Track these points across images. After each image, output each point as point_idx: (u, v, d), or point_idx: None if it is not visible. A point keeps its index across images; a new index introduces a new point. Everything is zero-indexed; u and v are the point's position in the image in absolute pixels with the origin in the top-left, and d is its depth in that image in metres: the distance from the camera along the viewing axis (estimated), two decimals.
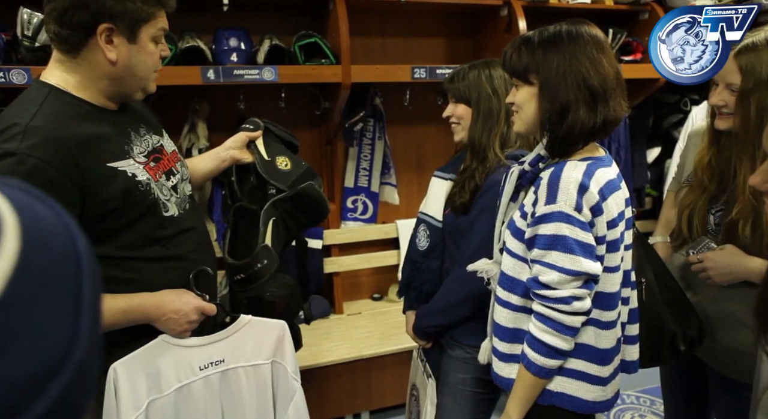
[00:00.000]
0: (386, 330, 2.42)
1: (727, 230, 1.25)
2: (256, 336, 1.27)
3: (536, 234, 1.04)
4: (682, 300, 1.30)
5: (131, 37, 1.06)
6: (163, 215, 1.14)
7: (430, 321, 1.43)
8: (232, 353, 1.24)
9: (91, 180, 1.01)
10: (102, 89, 1.08)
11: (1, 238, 0.28)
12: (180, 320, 1.13)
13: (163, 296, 1.12)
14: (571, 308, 1.01)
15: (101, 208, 1.03)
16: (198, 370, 1.20)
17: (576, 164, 1.04)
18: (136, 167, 1.10)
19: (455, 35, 2.64)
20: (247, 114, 2.32)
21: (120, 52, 1.05)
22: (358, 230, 2.60)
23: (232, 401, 1.25)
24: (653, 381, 2.50)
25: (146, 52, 1.09)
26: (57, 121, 1.01)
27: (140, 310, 1.10)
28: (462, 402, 1.41)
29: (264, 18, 2.30)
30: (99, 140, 1.05)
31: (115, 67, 1.06)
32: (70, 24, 1.01)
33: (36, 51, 1.76)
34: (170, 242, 1.16)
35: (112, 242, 1.08)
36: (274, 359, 1.29)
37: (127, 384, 1.13)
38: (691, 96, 2.84)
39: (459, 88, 1.41)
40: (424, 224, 1.47)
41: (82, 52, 1.04)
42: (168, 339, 1.16)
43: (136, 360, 1.14)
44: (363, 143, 2.54)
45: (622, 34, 2.57)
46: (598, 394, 1.09)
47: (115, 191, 1.05)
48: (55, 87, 1.05)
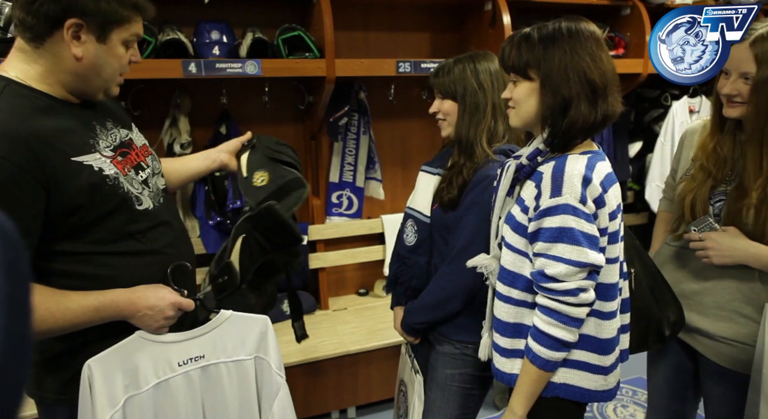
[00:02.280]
0: (372, 326, 2.42)
1: (729, 215, 1.27)
2: (237, 331, 1.25)
3: (540, 227, 1.05)
4: (663, 287, 1.32)
5: (101, 36, 1.02)
6: (136, 208, 1.11)
7: (419, 318, 1.43)
8: (212, 348, 1.22)
9: (55, 175, 0.98)
10: (64, 83, 1.05)
11: None
12: (156, 316, 1.10)
13: (136, 292, 1.08)
14: (578, 299, 1.03)
15: (68, 203, 1.00)
16: (177, 366, 1.18)
17: (578, 158, 1.06)
18: (103, 161, 1.06)
19: (440, 29, 2.64)
20: (229, 108, 2.30)
21: (87, 49, 1.02)
22: (343, 225, 2.60)
23: (213, 397, 1.23)
24: (635, 372, 2.54)
25: (114, 55, 1.06)
26: (15, 115, 0.97)
27: (113, 307, 1.06)
28: (450, 397, 1.41)
29: (246, 11, 2.27)
30: (61, 133, 1.01)
31: (80, 63, 1.02)
32: (37, 13, 0.97)
33: (8, 42, 1.70)
34: (144, 236, 1.13)
35: (83, 237, 1.04)
36: (257, 354, 1.27)
37: (103, 381, 1.10)
38: (672, 91, 2.88)
39: (444, 83, 1.39)
40: (412, 220, 1.46)
41: (46, 42, 1.00)
42: (145, 335, 1.13)
43: (112, 357, 1.10)
44: (348, 138, 2.53)
45: (604, 29, 2.59)
46: (600, 383, 1.12)
47: (81, 186, 1.01)
48: (12, 80, 1.01)
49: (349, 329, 2.40)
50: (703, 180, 1.33)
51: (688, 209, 1.33)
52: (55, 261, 1.03)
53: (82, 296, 1.02)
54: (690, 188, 1.35)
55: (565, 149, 1.09)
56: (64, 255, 1.04)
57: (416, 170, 1.56)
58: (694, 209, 1.32)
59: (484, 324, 1.26)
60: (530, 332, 1.09)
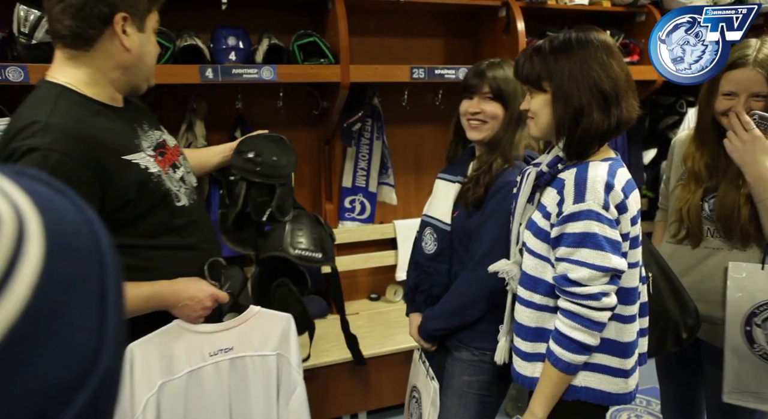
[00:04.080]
0: (384, 330, 2.42)
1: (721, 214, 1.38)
2: (263, 327, 1.31)
3: (563, 232, 1.07)
4: (681, 290, 1.36)
5: (140, 26, 1.11)
6: (175, 205, 1.19)
7: (438, 324, 1.42)
8: (240, 342, 1.28)
9: (109, 173, 1.06)
10: (113, 81, 1.12)
11: (25, 241, 0.26)
12: (195, 306, 1.18)
13: (178, 284, 1.17)
14: (601, 304, 1.04)
15: (119, 198, 1.08)
16: (208, 356, 1.25)
17: (599, 164, 1.08)
18: (147, 160, 1.15)
19: (453, 36, 2.65)
20: (244, 113, 2.32)
21: (132, 40, 1.10)
22: (355, 230, 2.60)
23: (238, 389, 1.28)
24: (649, 381, 2.51)
25: (152, 42, 1.16)
26: (73, 117, 1.04)
27: (159, 297, 1.15)
28: (467, 404, 1.40)
29: (263, 17, 2.29)
30: (111, 134, 1.09)
31: (129, 55, 1.10)
32: (89, 17, 1.04)
33: (33, 48, 1.74)
34: (184, 231, 1.21)
35: (130, 232, 1.12)
36: (279, 351, 1.32)
37: (142, 364, 1.17)
38: (687, 98, 2.86)
39: (498, 83, 1.32)
40: (431, 227, 1.44)
41: (96, 43, 1.07)
42: (182, 324, 1.21)
43: (153, 342, 1.18)
44: (361, 143, 2.54)
45: (619, 35, 2.58)
46: (621, 386, 1.13)
47: (130, 183, 1.09)
48: (64, 86, 1.08)
49: (360, 333, 2.39)
50: (694, 190, 1.43)
51: (686, 215, 1.44)
52: None
53: (134, 286, 1.10)
54: (684, 196, 1.46)
55: (582, 157, 1.11)
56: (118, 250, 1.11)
57: (429, 176, 1.56)
58: (690, 215, 1.43)
59: (501, 328, 1.26)
60: (552, 335, 1.10)
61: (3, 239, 0.25)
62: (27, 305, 0.25)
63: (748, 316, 1.36)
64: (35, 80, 1.72)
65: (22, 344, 0.25)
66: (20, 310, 0.25)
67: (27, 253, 0.26)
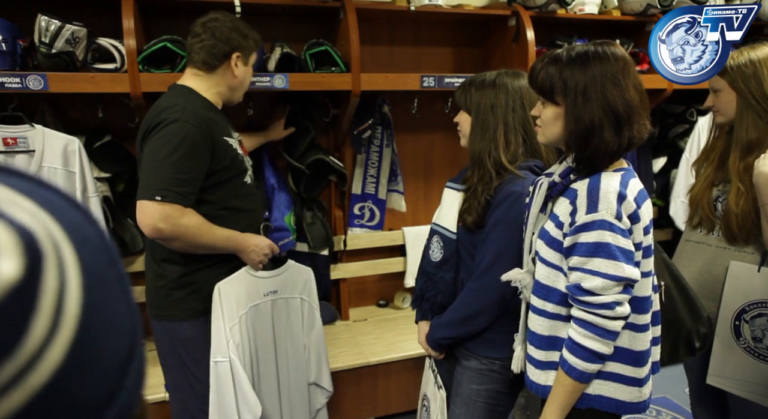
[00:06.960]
0: (392, 337, 2.43)
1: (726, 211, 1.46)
2: (295, 276, 1.80)
3: (576, 242, 1.07)
4: (694, 300, 1.36)
5: (245, 61, 1.63)
6: (244, 180, 1.64)
7: (445, 333, 1.42)
8: (283, 286, 1.76)
9: (215, 146, 1.51)
10: (220, 93, 1.63)
11: (66, 268, 0.26)
12: (258, 252, 1.60)
13: (247, 235, 1.60)
14: (614, 313, 1.05)
15: (219, 164, 1.53)
16: (263, 295, 1.71)
17: (611, 175, 1.08)
18: (236, 143, 1.63)
19: (463, 45, 2.67)
20: (255, 120, 2.35)
21: (240, 71, 1.62)
22: (364, 236, 2.62)
23: (280, 322, 1.77)
24: (658, 391, 2.49)
25: (249, 73, 1.68)
26: (199, 106, 1.53)
27: (234, 240, 1.56)
28: (475, 413, 1.40)
29: (275, 26, 2.33)
30: (217, 122, 1.56)
31: (236, 80, 1.62)
32: (217, 54, 1.57)
33: (52, 57, 1.78)
34: (246, 199, 1.64)
35: (216, 192, 1.54)
36: (302, 296, 1.82)
37: (227, 300, 1.58)
38: (697, 107, 2.85)
39: (461, 97, 1.43)
40: (438, 236, 1.46)
41: (217, 70, 1.59)
42: (248, 270, 1.64)
43: (232, 282, 1.59)
44: (371, 151, 2.56)
45: (629, 44, 2.59)
46: (635, 395, 1.13)
47: (227, 154, 1.55)
48: (191, 89, 1.57)
49: (369, 340, 2.41)
50: (707, 186, 1.51)
51: (702, 208, 1.52)
52: (198, 205, 1.49)
53: (219, 228, 1.52)
54: (696, 191, 1.54)
55: (591, 173, 1.10)
56: (203, 203, 1.51)
57: (438, 183, 1.58)
58: (703, 208, 1.51)
59: (517, 337, 1.27)
60: (566, 344, 1.10)
61: (50, 269, 0.25)
62: (84, 302, 0.26)
63: (738, 312, 1.39)
64: (54, 88, 1.77)
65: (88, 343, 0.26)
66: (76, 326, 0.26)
67: (65, 254, 0.27)
